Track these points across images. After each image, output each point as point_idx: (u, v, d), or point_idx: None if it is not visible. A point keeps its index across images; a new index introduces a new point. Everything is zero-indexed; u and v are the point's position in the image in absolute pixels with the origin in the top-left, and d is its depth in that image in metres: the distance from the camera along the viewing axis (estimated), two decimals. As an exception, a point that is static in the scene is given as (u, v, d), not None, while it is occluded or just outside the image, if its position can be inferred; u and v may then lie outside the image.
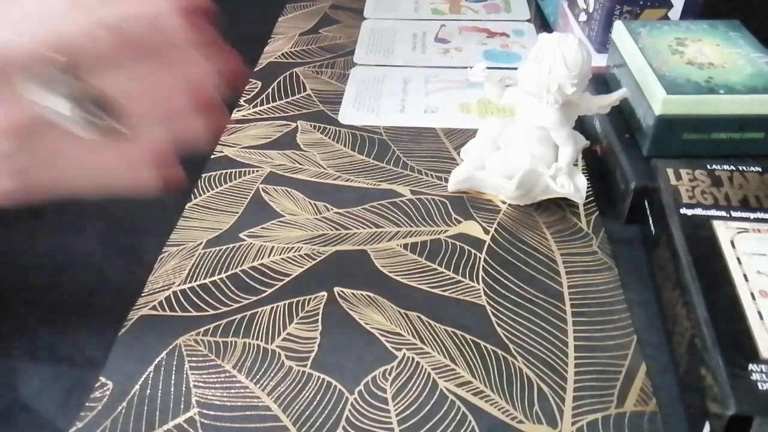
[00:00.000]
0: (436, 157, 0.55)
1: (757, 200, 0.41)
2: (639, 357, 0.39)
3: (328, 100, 0.63)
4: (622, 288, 0.43)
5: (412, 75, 0.67)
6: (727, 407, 0.31)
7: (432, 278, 0.44)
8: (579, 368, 0.38)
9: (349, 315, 0.42)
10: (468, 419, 0.36)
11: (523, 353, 0.39)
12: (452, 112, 0.61)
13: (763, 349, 0.33)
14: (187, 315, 0.42)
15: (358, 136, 0.58)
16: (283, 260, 0.46)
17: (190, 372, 0.38)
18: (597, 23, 0.61)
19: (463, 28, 0.77)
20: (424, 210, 0.50)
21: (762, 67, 0.48)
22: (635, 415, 0.36)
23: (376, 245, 0.47)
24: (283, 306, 0.42)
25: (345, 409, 0.36)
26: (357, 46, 0.73)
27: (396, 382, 0.38)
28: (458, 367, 0.38)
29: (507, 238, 0.47)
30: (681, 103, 0.46)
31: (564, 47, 0.44)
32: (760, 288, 0.36)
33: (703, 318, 0.35)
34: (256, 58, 0.70)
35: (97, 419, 0.36)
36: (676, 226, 0.40)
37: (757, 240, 0.39)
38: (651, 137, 0.47)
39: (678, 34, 0.53)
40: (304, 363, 0.39)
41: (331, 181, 0.53)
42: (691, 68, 0.49)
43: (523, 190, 0.48)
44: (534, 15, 0.79)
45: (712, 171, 0.44)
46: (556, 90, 0.45)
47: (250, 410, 0.36)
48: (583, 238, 0.47)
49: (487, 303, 0.42)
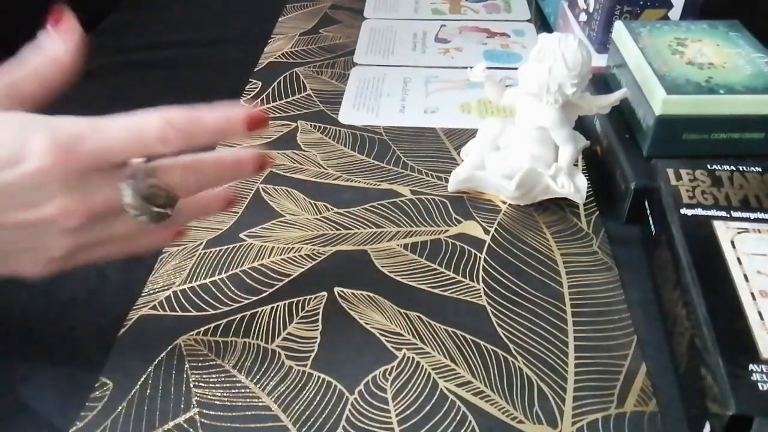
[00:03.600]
0: (436, 157, 0.55)
1: (758, 200, 0.41)
2: (639, 357, 0.39)
3: (328, 100, 0.63)
4: (622, 288, 0.43)
5: (412, 75, 0.67)
6: (727, 407, 0.31)
7: (432, 278, 0.44)
8: (579, 368, 0.38)
9: (349, 315, 0.42)
10: (468, 419, 0.36)
11: (524, 353, 0.39)
12: (452, 112, 0.61)
13: (763, 349, 0.33)
14: (187, 315, 0.42)
15: (358, 136, 0.58)
16: (283, 260, 0.46)
17: (190, 372, 0.38)
18: (597, 23, 0.61)
19: (463, 28, 0.77)
20: (424, 210, 0.50)
21: (762, 67, 0.48)
22: (635, 415, 0.36)
23: (377, 245, 0.47)
24: (283, 306, 0.42)
25: (345, 409, 0.36)
26: (357, 46, 0.73)
27: (396, 382, 0.38)
28: (458, 367, 0.38)
29: (507, 238, 0.47)
30: (681, 103, 0.46)
31: (564, 47, 0.44)
32: (760, 288, 0.36)
33: (703, 318, 0.35)
34: (256, 58, 0.70)
35: (97, 419, 0.36)
36: (676, 227, 0.40)
37: (758, 240, 0.39)
38: (651, 137, 0.47)
39: (678, 34, 0.53)
40: (304, 363, 0.39)
41: (331, 181, 0.53)
42: (691, 68, 0.49)
43: (523, 190, 0.48)
44: (534, 15, 0.79)
45: (713, 171, 0.44)
46: (556, 90, 0.45)
47: (250, 410, 0.36)
48: (583, 238, 0.47)
49: (487, 303, 0.42)
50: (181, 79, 0.68)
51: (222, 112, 0.34)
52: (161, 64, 0.70)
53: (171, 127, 0.32)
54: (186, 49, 0.73)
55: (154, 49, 0.73)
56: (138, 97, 0.65)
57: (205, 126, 0.33)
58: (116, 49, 0.73)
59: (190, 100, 0.33)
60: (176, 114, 0.32)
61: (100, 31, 0.78)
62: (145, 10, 0.82)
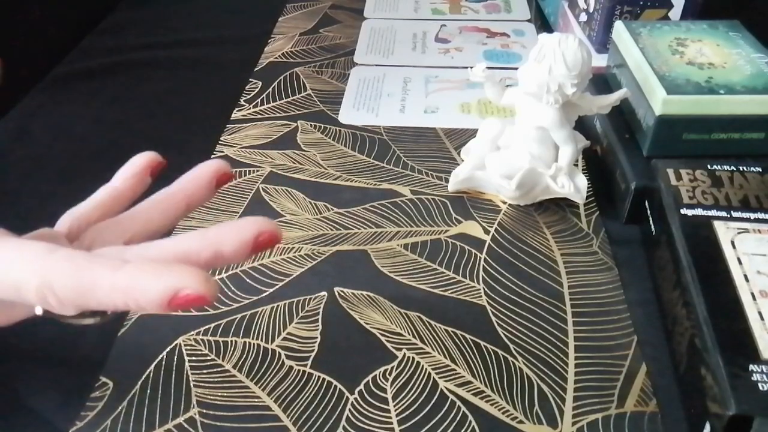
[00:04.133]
0: (437, 157, 0.55)
1: (758, 200, 0.41)
2: (639, 357, 0.39)
3: (328, 100, 0.63)
4: (622, 288, 0.43)
5: (412, 75, 0.67)
6: (727, 407, 0.31)
7: (432, 278, 0.44)
8: (579, 368, 0.38)
9: (349, 315, 0.42)
10: (468, 419, 0.36)
11: (524, 353, 0.39)
12: (452, 112, 0.61)
13: (763, 349, 0.33)
14: (187, 315, 0.42)
15: (358, 136, 0.58)
16: (283, 260, 0.46)
17: (190, 372, 0.38)
18: (597, 23, 0.61)
19: (463, 28, 0.77)
20: (424, 210, 0.50)
21: (762, 67, 0.48)
22: (635, 415, 0.36)
23: (377, 245, 0.47)
24: (283, 306, 0.42)
25: (345, 409, 0.36)
26: (357, 46, 0.73)
27: (396, 382, 0.38)
28: (458, 367, 0.38)
29: (507, 238, 0.47)
30: (681, 103, 0.46)
31: (564, 47, 0.44)
32: (760, 288, 0.36)
33: (703, 318, 0.35)
34: (256, 58, 0.70)
35: (97, 419, 0.36)
36: (676, 227, 0.40)
37: (758, 240, 0.39)
38: (651, 137, 0.47)
39: (678, 35, 0.53)
40: (304, 363, 0.39)
41: (332, 181, 0.53)
42: (691, 68, 0.49)
43: (524, 190, 0.48)
44: (534, 15, 0.79)
45: (713, 171, 0.44)
46: (556, 90, 0.45)
47: (250, 410, 0.36)
48: (584, 238, 0.47)
49: (487, 303, 0.42)
50: (181, 79, 0.68)
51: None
52: (161, 64, 0.70)
53: (52, 294, 0.24)
54: (186, 49, 0.73)
55: (154, 49, 0.73)
56: (138, 97, 0.66)
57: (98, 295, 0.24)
58: (116, 49, 0.73)
59: (190, 100, 0.33)
60: (61, 281, 0.24)
61: (100, 31, 0.78)
62: (145, 10, 0.82)
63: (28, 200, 0.52)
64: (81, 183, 0.34)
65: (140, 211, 0.31)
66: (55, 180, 0.54)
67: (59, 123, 0.62)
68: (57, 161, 0.56)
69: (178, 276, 0.22)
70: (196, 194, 0.31)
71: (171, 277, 0.22)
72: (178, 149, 0.58)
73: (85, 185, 0.33)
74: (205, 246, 0.25)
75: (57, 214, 0.31)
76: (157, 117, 0.62)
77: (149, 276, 0.23)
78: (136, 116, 0.62)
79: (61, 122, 0.62)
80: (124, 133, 0.60)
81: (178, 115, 0.62)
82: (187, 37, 0.75)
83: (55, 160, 0.56)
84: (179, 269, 0.23)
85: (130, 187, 0.32)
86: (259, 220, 0.26)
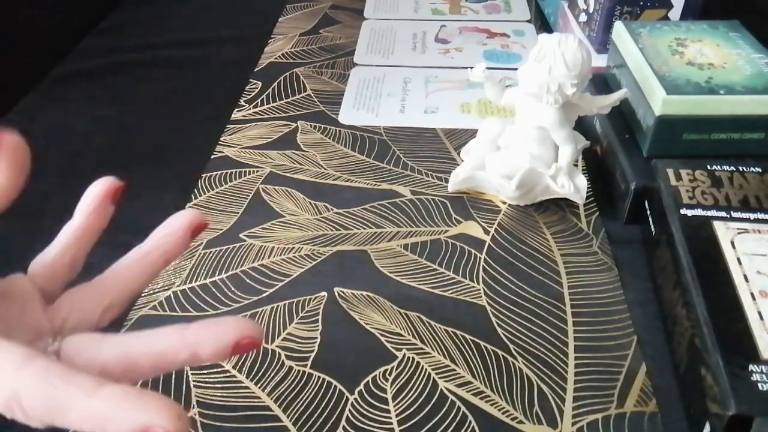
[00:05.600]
0: (436, 158, 0.55)
1: (758, 201, 0.41)
2: (639, 357, 0.39)
3: (328, 100, 0.63)
4: (622, 288, 0.43)
5: (412, 75, 0.67)
6: (727, 407, 0.31)
7: (432, 278, 0.44)
8: (579, 368, 0.38)
9: (349, 315, 0.42)
10: (468, 419, 0.36)
11: (523, 353, 0.39)
12: (452, 112, 0.61)
13: (763, 349, 0.33)
14: (187, 315, 0.42)
15: (358, 136, 0.58)
16: (283, 260, 0.46)
17: (190, 372, 0.38)
18: (597, 23, 0.61)
19: (463, 28, 0.77)
20: (424, 210, 0.50)
21: (762, 68, 0.48)
22: (635, 415, 0.36)
23: (377, 245, 0.47)
24: (283, 306, 0.42)
25: (345, 409, 0.36)
26: (357, 47, 0.73)
27: (396, 382, 0.38)
28: (458, 367, 0.38)
29: (507, 238, 0.47)
30: (681, 103, 0.46)
31: (564, 47, 0.44)
32: (760, 288, 0.36)
33: (703, 318, 0.35)
34: (256, 58, 0.70)
35: (97, 419, 0.36)
36: (676, 227, 0.40)
37: (757, 240, 0.39)
38: (651, 137, 0.47)
39: (678, 35, 0.53)
40: (304, 363, 0.39)
41: (331, 181, 0.53)
42: (691, 68, 0.49)
43: (523, 190, 0.48)
44: (534, 15, 0.79)
45: (713, 171, 0.44)
46: (556, 90, 0.45)
47: (250, 410, 0.36)
48: (584, 238, 0.47)
49: (487, 303, 0.42)
50: (181, 79, 0.68)
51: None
52: (161, 64, 0.70)
53: (19, 409, 0.23)
54: (186, 49, 0.73)
55: (154, 49, 0.73)
56: (138, 97, 0.66)
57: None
58: (116, 49, 0.73)
59: (190, 101, 0.33)
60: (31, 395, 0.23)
61: (100, 31, 0.78)
62: (145, 10, 0.82)
63: (28, 200, 0.52)
64: (81, 183, 0.34)
65: (116, 274, 0.30)
66: (55, 180, 0.54)
67: (59, 123, 0.62)
68: (57, 161, 0.56)
69: (151, 413, 0.22)
70: (171, 250, 0.31)
71: (143, 413, 0.22)
72: (178, 149, 0.59)
73: (85, 185, 0.33)
74: (183, 347, 0.25)
75: (57, 214, 0.31)
76: (157, 117, 0.62)
77: (122, 408, 0.23)
78: (136, 116, 0.62)
79: (61, 122, 0.62)
80: (124, 133, 0.60)
81: (178, 115, 0.62)
82: (187, 37, 0.75)
83: (55, 160, 0.56)
84: (155, 404, 0.23)
85: (94, 221, 0.31)
86: (240, 323, 0.25)
